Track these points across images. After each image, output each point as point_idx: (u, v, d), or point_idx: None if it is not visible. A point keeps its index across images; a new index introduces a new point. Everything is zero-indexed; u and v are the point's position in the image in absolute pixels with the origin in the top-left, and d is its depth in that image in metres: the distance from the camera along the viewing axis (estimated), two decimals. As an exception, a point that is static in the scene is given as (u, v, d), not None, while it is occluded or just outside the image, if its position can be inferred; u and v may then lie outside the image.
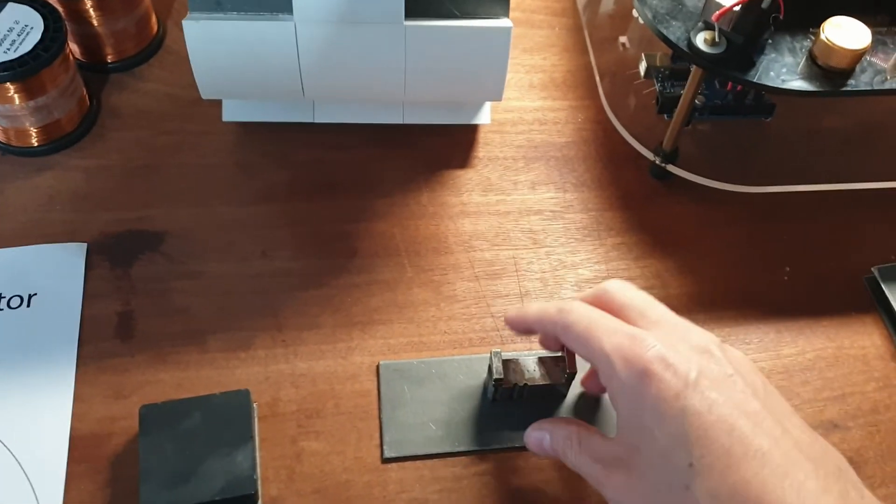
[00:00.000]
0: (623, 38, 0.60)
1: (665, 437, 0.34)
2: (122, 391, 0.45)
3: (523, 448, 0.44)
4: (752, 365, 0.38)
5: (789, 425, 0.35)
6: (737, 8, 0.44)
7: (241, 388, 0.44)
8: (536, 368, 0.44)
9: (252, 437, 0.42)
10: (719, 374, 0.36)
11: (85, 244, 0.50)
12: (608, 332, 0.37)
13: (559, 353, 0.44)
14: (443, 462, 0.44)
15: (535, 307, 0.41)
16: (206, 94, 0.47)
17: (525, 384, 0.43)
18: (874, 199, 0.56)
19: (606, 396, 0.45)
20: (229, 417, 0.42)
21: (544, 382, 0.43)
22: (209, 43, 0.43)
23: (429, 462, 0.44)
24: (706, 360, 0.36)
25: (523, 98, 0.59)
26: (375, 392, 0.46)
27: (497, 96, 0.49)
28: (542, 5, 0.64)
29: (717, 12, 0.44)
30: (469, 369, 0.47)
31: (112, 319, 0.47)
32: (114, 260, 0.50)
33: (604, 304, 0.40)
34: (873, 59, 0.48)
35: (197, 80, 0.46)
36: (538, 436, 0.42)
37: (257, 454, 0.43)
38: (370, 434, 0.45)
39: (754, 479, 0.32)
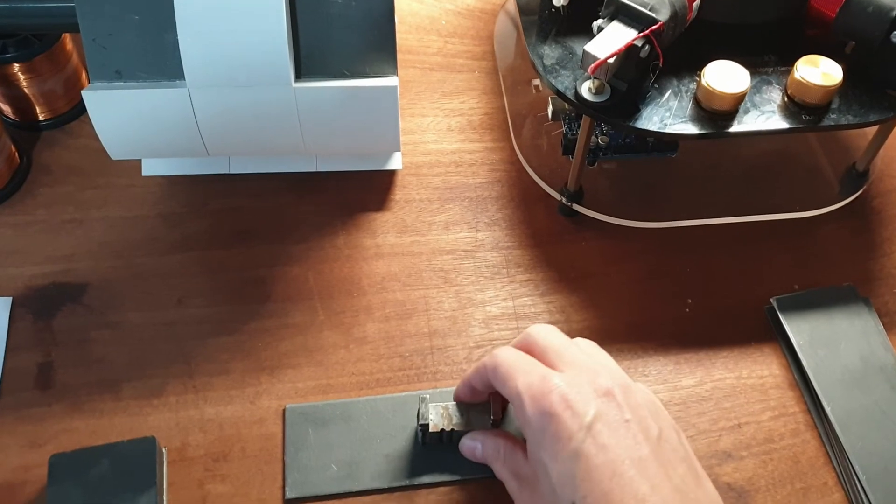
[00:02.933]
0: (536, 81, 0.62)
1: (556, 475, 0.38)
2: (37, 440, 0.47)
3: (424, 486, 0.46)
4: (657, 407, 0.42)
5: (673, 473, 0.38)
6: (611, 60, 0.46)
7: (152, 434, 0.46)
8: (462, 414, 0.46)
9: (155, 483, 0.44)
10: (615, 418, 0.39)
11: (10, 298, 0.52)
12: (524, 372, 0.41)
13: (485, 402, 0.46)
14: (346, 502, 0.46)
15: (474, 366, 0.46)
16: (115, 155, 0.49)
17: (452, 429, 0.45)
18: (774, 231, 0.57)
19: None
20: (135, 464, 0.45)
21: (469, 429, 0.46)
22: (110, 110, 0.46)
23: (331, 503, 0.46)
24: (605, 404, 0.39)
25: (441, 141, 0.61)
26: (281, 435, 0.48)
27: (394, 147, 0.52)
28: (464, 49, 0.67)
29: (593, 64, 0.46)
30: (373, 410, 0.49)
31: (32, 370, 0.50)
32: (37, 313, 0.52)
33: (528, 347, 0.44)
34: (756, 99, 0.50)
35: (104, 144, 0.48)
36: (472, 444, 0.45)
37: (164, 498, 0.45)
38: (274, 476, 0.46)
39: None
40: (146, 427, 0.48)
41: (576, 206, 0.57)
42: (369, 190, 0.58)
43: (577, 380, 0.40)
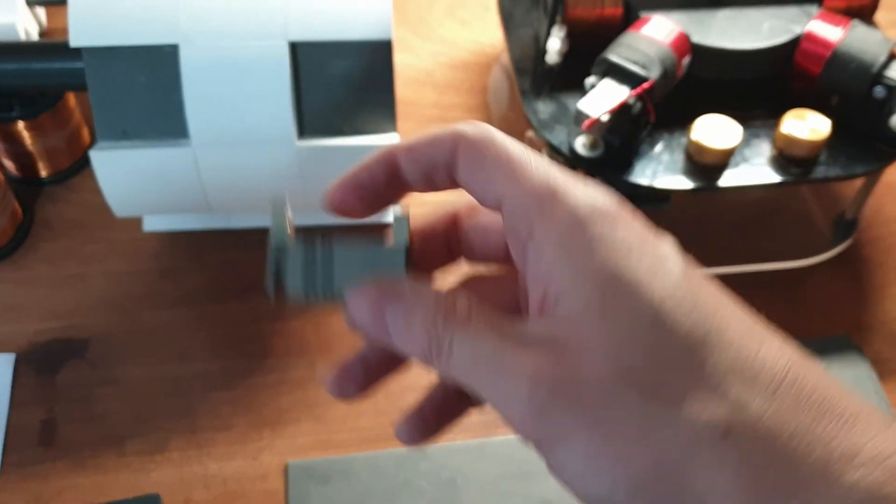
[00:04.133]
0: (530, 133, 0.63)
1: (666, 302, 0.22)
2: (41, 497, 0.47)
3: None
4: None
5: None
6: (604, 118, 0.47)
7: (156, 490, 0.46)
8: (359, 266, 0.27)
9: (159, 542, 0.44)
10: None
11: (13, 355, 0.53)
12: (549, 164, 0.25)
13: (397, 241, 0.28)
14: (347, 556, 0.46)
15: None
16: (119, 213, 0.50)
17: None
18: (766, 281, 0.58)
19: None
20: (138, 522, 0.45)
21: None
22: (116, 169, 0.47)
23: (332, 557, 0.46)
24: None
25: (438, 193, 0.62)
26: (283, 492, 0.48)
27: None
28: (458, 101, 0.68)
29: (586, 122, 0.47)
30: (374, 466, 0.49)
31: (35, 427, 0.50)
32: (40, 368, 0.52)
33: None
34: (746, 152, 0.52)
35: (109, 203, 0.49)
36: (377, 299, 0.25)
37: (166, 556, 0.45)
38: (276, 533, 0.47)
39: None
40: (149, 483, 0.48)
41: (572, 257, 0.58)
42: (368, 242, 0.59)
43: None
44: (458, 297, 0.24)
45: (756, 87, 0.55)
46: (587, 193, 0.24)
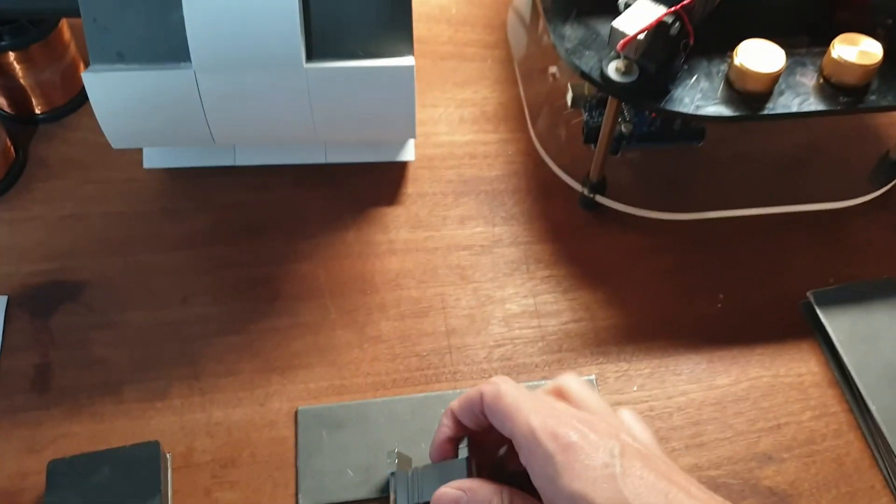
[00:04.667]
0: (553, 69, 0.60)
1: (604, 501, 0.33)
2: (35, 445, 0.44)
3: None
4: (662, 453, 0.39)
5: (712, 498, 0.36)
6: (641, 36, 0.43)
7: (156, 438, 0.43)
8: (433, 479, 0.40)
9: (159, 490, 0.41)
10: (639, 451, 0.36)
11: (5, 297, 0.49)
12: (534, 407, 0.37)
13: (460, 459, 0.40)
14: (361, 510, 0.43)
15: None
16: (116, 143, 0.47)
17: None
18: (809, 222, 0.55)
19: None
20: (138, 470, 0.42)
21: None
22: (112, 94, 0.43)
23: (346, 510, 0.43)
24: (625, 440, 0.36)
25: (454, 133, 0.59)
26: (293, 439, 0.45)
27: (410, 133, 0.49)
28: (475, 38, 0.64)
29: (622, 41, 0.43)
30: (390, 412, 0.46)
31: (29, 372, 0.47)
32: (34, 311, 0.49)
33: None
34: (790, 80, 0.48)
35: (104, 131, 0.45)
36: (453, 495, 0.38)
37: (168, 506, 0.42)
38: (286, 483, 0.44)
39: None
40: (149, 431, 0.45)
41: (598, 198, 0.54)
42: (380, 183, 0.56)
43: (591, 418, 0.37)
44: (503, 491, 0.37)
45: (799, 12, 0.51)
46: (556, 436, 0.35)
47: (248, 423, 0.45)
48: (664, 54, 0.46)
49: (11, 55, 0.53)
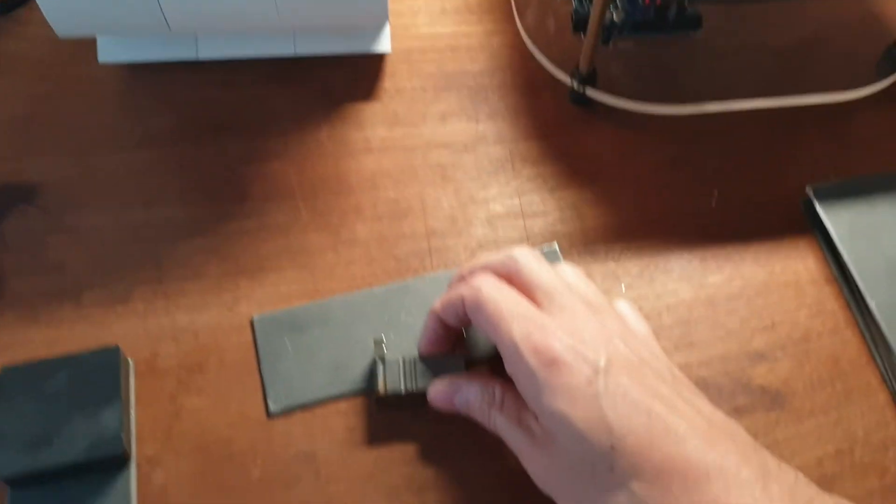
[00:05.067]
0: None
1: (583, 421, 0.33)
2: (-11, 353, 0.42)
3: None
4: (657, 348, 0.38)
5: (700, 405, 0.35)
6: None
7: (118, 344, 0.41)
8: (428, 368, 0.40)
9: (120, 396, 0.39)
10: (627, 361, 0.35)
11: (-45, 200, 0.46)
12: (517, 317, 0.36)
13: (458, 355, 0.41)
14: (335, 413, 0.41)
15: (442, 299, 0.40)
16: (60, 30, 0.43)
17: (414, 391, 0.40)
18: (810, 116, 0.52)
19: None
20: (97, 376, 0.39)
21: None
22: (52, -31, 0.40)
23: (319, 413, 0.41)
24: (613, 348, 0.35)
25: (435, 24, 0.55)
26: (262, 343, 0.43)
27: (381, 14, 0.45)
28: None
29: None
30: (353, 308, 0.44)
31: (-19, 278, 0.44)
32: (-14, 216, 0.46)
33: (511, 275, 0.38)
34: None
35: (46, 15, 0.42)
36: (448, 390, 0.39)
37: (131, 413, 0.40)
38: (256, 388, 0.41)
39: (678, 455, 0.32)
40: (110, 337, 0.42)
41: (589, 92, 0.51)
42: (355, 78, 0.52)
43: (577, 325, 0.35)
44: (495, 388, 0.37)
45: None
46: (538, 351, 0.34)
47: (216, 328, 0.43)
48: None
49: (-49, -60, 0.49)
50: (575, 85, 0.51)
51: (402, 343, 0.43)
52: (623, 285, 0.46)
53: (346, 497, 0.39)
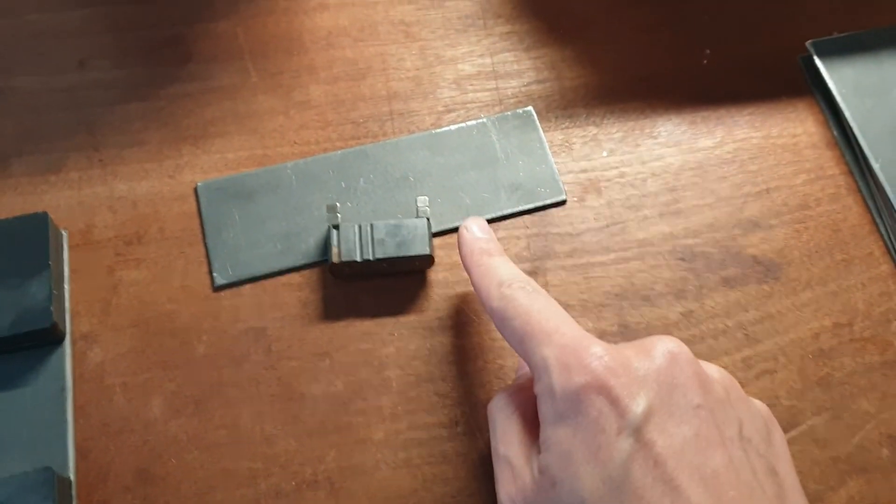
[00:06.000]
0: None
1: (591, 479, 0.26)
2: None
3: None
4: (735, 387, 0.29)
5: (757, 493, 0.26)
6: None
7: (43, 212, 0.37)
8: (382, 241, 0.36)
9: (49, 266, 0.35)
10: (681, 403, 0.27)
11: None
12: (550, 330, 0.29)
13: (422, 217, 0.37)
14: (287, 286, 0.38)
15: (480, 270, 0.32)
16: None
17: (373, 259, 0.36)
18: (814, -36, 0.47)
19: None
20: (23, 245, 0.36)
21: (400, 255, 0.36)
22: None
23: (269, 287, 0.38)
24: (666, 380, 0.27)
25: None
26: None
27: None
28: None
29: None
30: (306, 174, 0.40)
31: None
32: None
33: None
34: None
35: None
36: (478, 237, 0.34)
37: (65, 287, 0.37)
38: (200, 260, 0.38)
39: None
40: (42, 207, 0.39)
41: (568, -61, 0.46)
42: (312, -70, 0.47)
43: (625, 351, 0.28)
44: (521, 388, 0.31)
45: None
46: (566, 384, 0.27)
47: (156, 197, 0.39)
48: None
49: None
50: (554, -67, 0.46)
51: (360, 211, 0.39)
52: (605, 151, 0.42)
53: (300, 375, 0.36)
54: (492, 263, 0.32)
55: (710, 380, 0.28)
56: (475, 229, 0.34)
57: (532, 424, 0.30)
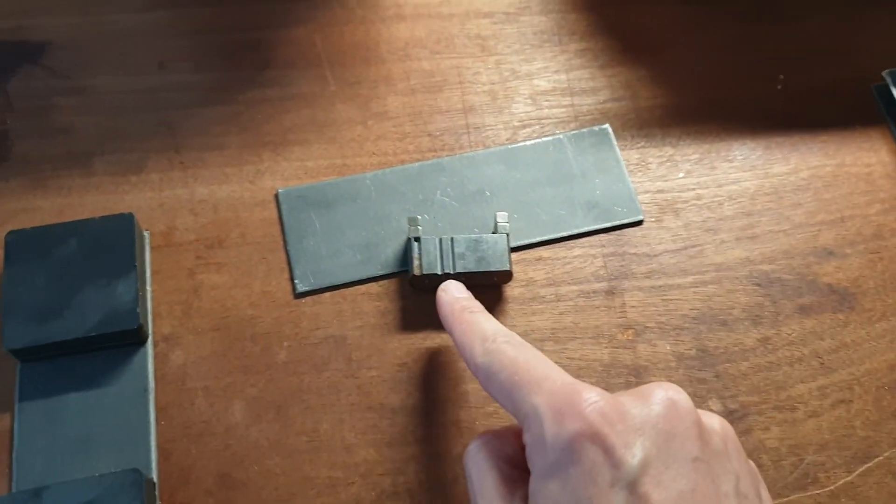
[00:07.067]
0: None
1: None
2: (-7, 220, 0.39)
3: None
4: (734, 441, 0.28)
5: None
6: None
7: (129, 213, 0.37)
8: (462, 254, 0.37)
9: (135, 266, 0.36)
10: (679, 455, 0.25)
11: (-47, 58, 0.43)
12: (539, 379, 0.28)
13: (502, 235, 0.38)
14: (366, 295, 0.38)
15: (462, 327, 0.32)
16: None
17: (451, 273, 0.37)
18: (891, -7, 0.47)
19: None
20: (110, 245, 0.36)
21: (479, 270, 0.37)
22: None
23: (349, 296, 0.38)
24: (664, 428, 0.26)
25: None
26: (288, 219, 0.39)
27: None
28: None
29: None
30: (384, 185, 0.40)
31: (-16, 141, 0.41)
32: (-13, 75, 0.42)
33: None
34: None
35: None
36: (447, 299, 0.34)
37: (147, 287, 0.37)
38: (281, 267, 0.38)
39: None
40: (123, 207, 0.39)
41: (646, -41, 0.46)
42: (390, -60, 0.48)
43: (622, 398, 0.27)
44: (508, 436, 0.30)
45: None
46: (558, 432, 0.26)
47: (237, 202, 0.40)
48: None
49: None
50: (633, -48, 0.46)
51: (436, 223, 0.39)
52: (682, 172, 0.42)
53: (379, 385, 0.36)
54: (474, 319, 0.31)
55: (710, 431, 0.27)
56: (454, 290, 0.34)
57: (513, 475, 0.28)
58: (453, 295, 0.34)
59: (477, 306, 0.33)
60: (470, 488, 0.29)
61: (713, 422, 0.28)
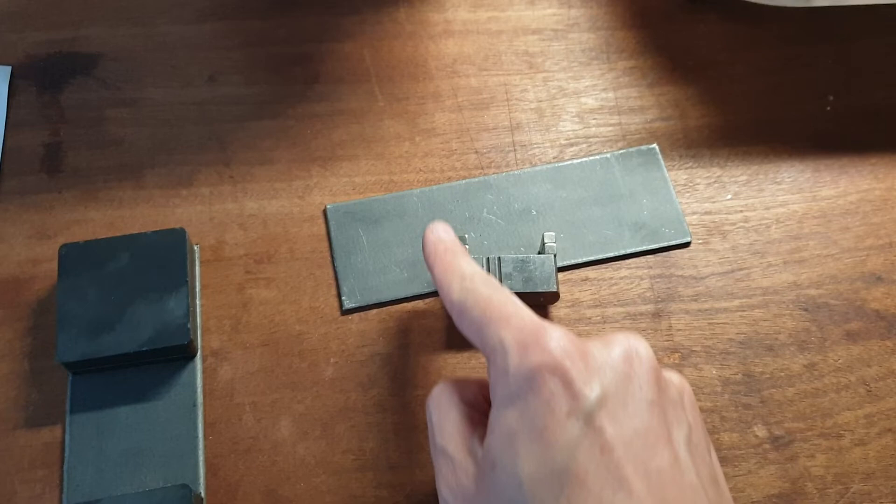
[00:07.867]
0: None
1: (533, 460, 0.25)
2: (46, 231, 0.39)
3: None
4: (689, 394, 0.29)
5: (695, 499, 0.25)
6: None
7: (181, 227, 0.38)
8: (510, 273, 0.37)
9: (187, 281, 0.36)
10: (636, 395, 0.26)
11: (8, 67, 0.43)
12: (508, 315, 0.28)
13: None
14: (413, 313, 0.38)
15: (443, 266, 0.32)
16: None
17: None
18: (945, 15, 0.46)
19: None
20: (161, 259, 0.37)
21: (527, 290, 0.37)
22: None
23: (395, 313, 0.38)
24: (623, 370, 0.27)
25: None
26: (335, 235, 0.40)
27: None
28: None
29: None
30: (431, 202, 0.40)
31: (38, 151, 0.41)
32: (41, 85, 0.43)
33: None
34: None
35: None
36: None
37: (197, 301, 0.38)
38: (328, 282, 0.39)
39: None
40: (174, 220, 0.40)
41: (696, -23, 0.46)
42: (438, -46, 0.48)
43: (587, 340, 0.28)
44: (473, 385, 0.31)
45: None
46: (521, 363, 0.26)
47: (286, 217, 0.40)
48: None
49: None
50: (682, -30, 0.46)
51: (483, 242, 0.40)
52: (730, 194, 0.42)
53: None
54: (455, 261, 0.31)
55: (667, 380, 0.28)
56: (440, 231, 0.33)
57: (473, 417, 0.29)
58: (438, 235, 0.33)
59: (460, 249, 0.33)
60: (430, 428, 0.29)
61: (672, 375, 0.29)
